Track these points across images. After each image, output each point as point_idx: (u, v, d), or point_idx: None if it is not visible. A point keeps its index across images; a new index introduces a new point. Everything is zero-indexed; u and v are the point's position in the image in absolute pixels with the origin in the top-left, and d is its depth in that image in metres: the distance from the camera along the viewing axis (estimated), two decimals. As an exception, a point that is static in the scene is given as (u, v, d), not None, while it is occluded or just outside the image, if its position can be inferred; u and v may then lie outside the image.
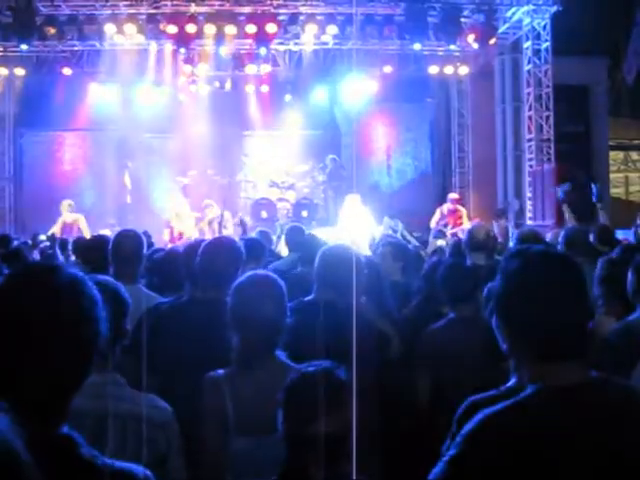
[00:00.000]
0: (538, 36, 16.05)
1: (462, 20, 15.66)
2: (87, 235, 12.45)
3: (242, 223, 13.02)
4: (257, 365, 3.09)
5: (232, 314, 3.19)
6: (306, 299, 4.12)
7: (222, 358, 3.19)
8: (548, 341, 1.90)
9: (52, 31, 15.50)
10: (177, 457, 2.71)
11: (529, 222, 15.77)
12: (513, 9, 15.94)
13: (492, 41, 16.07)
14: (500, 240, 10.25)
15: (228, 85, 17.89)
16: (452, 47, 16.48)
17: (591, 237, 7.03)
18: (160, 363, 3.47)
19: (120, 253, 4.52)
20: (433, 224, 14.96)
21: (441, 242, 10.41)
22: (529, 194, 16.52)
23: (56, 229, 14.17)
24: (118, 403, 2.60)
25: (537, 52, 16.13)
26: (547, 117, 16.11)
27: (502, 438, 1.86)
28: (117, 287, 2.74)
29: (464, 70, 18.10)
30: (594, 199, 8.94)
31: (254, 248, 6.14)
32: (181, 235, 14.59)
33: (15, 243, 8.17)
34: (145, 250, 4.82)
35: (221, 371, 3.12)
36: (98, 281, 2.35)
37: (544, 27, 15.90)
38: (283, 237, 8.22)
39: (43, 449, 1.32)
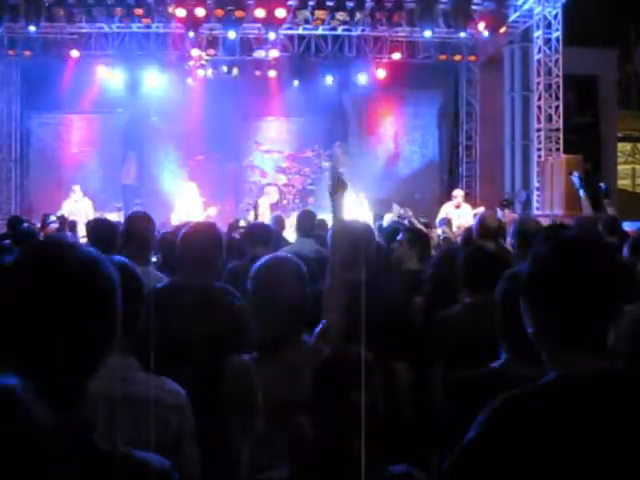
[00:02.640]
0: (549, 25, 15.94)
1: (472, 8, 15.60)
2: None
3: (255, 207, 13.02)
4: (283, 348, 3.05)
5: (254, 298, 3.15)
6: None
7: (207, 345, 3.17)
8: (573, 328, 1.88)
9: (60, 13, 15.46)
10: (190, 441, 2.69)
11: (536, 212, 15.71)
12: (524, -3, 15.87)
13: (502, 29, 16.00)
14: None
15: (236, 70, 17.82)
16: (462, 35, 16.40)
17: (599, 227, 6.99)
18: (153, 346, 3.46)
19: (132, 234, 4.50)
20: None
21: (440, 230, 10.31)
22: (537, 184, 16.47)
23: (64, 212, 14.16)
24: (132, 386, 2.58)
25: (547, 41, 16.02)
26: (556, 107, 16.03)
27: (521, 422, 1.85)
28: (134, 269, 2.72)
29: (473, 58, 18.04)
30: (602, 192, 8.93)
31: (262, 232, 6.14)
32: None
33: (25, 225, 8.17)
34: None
35: (246, 355, 3.09)
36: (115, 262, 2.33)
37: (555, 16, 15.80)
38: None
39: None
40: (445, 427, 3.01)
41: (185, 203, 14.31)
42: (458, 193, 14.92)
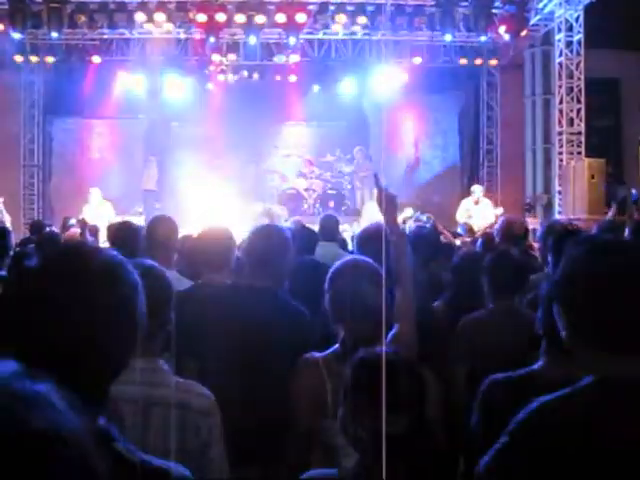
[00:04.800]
0: (570, 28, 15.84)
1: (493, 11, 15.55)
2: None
3: (269, 213, 12.95)
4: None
5: (336, 301, 3.13)
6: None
7: (263, 346, 3.15)
8: (612, 332, 1.84)
9: (82, 19, 15.57)
10: (218, 445, 2.68)
11: (558, 216, 15.61)
12: (545, 0, 15.78)
13: (523, 33, 15.94)
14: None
15: (256, 75, 17.87)
16: (482, 39, 16.34)
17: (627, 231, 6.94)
18: (198, 349, 3.45)
19: (155, 238, 4.50)
20: (459, 218, 14.74)
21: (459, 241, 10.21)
22: (559, 188, 16.36)
23: (85, 216, 14.22)
24: (161, 390, 2.58)
25: (569, 44, 15.93)
26: (578, 110, 15.92)
27: (555, 428, 1.82)
28: (162, 272, 2.72)
29: (494, 62, 17.99)
30: (633, 199, 8.86)
31: (309, 238, 6.10)
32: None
33: (47, 229, 8.22)
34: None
35: (318, 354, 3.08)
36: (142, 265, 2.33)
37: (576, 19, 15.69)
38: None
39: None
40: (473, 432, 2.98)
41: (207, 207, 14.31)
42: (477, 188, 14.87)
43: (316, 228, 7.09)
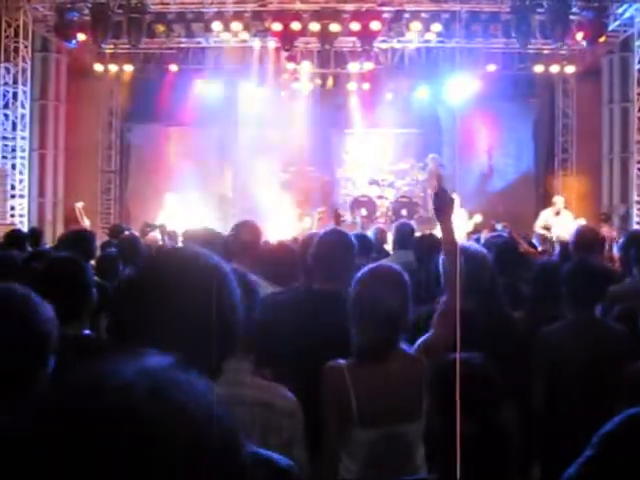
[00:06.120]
0: (650, 34, 15.50)
1: (571, 18, 15.27)
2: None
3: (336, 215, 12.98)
4: (381, 357, 3.07)
5: (354, 306, 3.18)
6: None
7: (338, 349, 3.18)
8: None
9: (161, 29, 15.92)
10: (300, 445, 2.72)
11: (636, 227, 15.25)
12: (625, 5, 15.40)
13: (602, 39, 15.62)
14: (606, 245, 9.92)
15: (330, 83, 17.98)
16: (559, 45, 16.07)
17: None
18: (276, 353, 3.50)
19: (241, 243, 4.57)
20: (536, 228, 14.48)
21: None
22: (637, 197, 15.98)
23: (161, 221, 14.49)
24: (245, 389, 2.63)
25: (649, 51, 15.58)
26: (657, 118, 15.56)
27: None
28: (248, 276, 2.78)
29: (570, 69, 17.69)
30: None
31: (361, 243, 6.17)
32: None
33: (126, 233, 8.43)
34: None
35: (342, 361, 3.11)
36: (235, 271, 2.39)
37: (657, 25, 15.35)
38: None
39: None
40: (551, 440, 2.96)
41: (279, 214, 14.47)
42: (559, 200, 14.56)
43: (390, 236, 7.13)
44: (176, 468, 0.74)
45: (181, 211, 15.19)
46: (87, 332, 3.55)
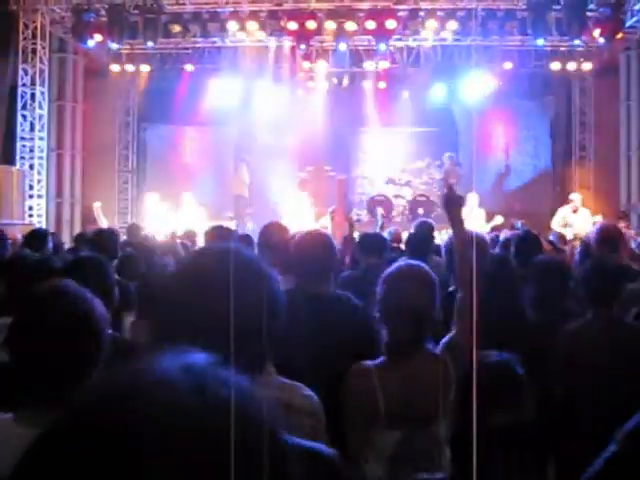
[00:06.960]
0: (668, 30, 15.41)
1: (587, 14, 15.19)
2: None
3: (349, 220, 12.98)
4: (408, 356, 3.07)
5: (382, 304, 3.18)
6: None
7: (324, 350, 3.18)
8: None
9: (177, 29, 15.98)
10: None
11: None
12: (642, 1, 15.35)
13: (619, 36, 15.53)
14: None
15: (346, 81, 17.98)
16: (576, 42, 15.99)
17: None
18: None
19: (267, 243, 4.57)
20: (554, 225, 14.39)
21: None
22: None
23: (179, 220, 14.50)
24: (267, 389, 2.63)
25: (667, 47, 15.49)
26: (675, 115, 15.46)
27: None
28: (274, 275, 2.79)
29: (587, 66, 17.60)
30: None
31: (376, 242, 6.20)
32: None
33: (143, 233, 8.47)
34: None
35: (370, 362, 3.11)
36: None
37: (675, 20, 15.24)
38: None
39: None
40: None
41: (296, 213, 14.46)
42: (576, 197, 14.45)
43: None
44: (222, 462, 0.75)
45: (198, 210, 15.17)
46: (110, 332, 3.56)
